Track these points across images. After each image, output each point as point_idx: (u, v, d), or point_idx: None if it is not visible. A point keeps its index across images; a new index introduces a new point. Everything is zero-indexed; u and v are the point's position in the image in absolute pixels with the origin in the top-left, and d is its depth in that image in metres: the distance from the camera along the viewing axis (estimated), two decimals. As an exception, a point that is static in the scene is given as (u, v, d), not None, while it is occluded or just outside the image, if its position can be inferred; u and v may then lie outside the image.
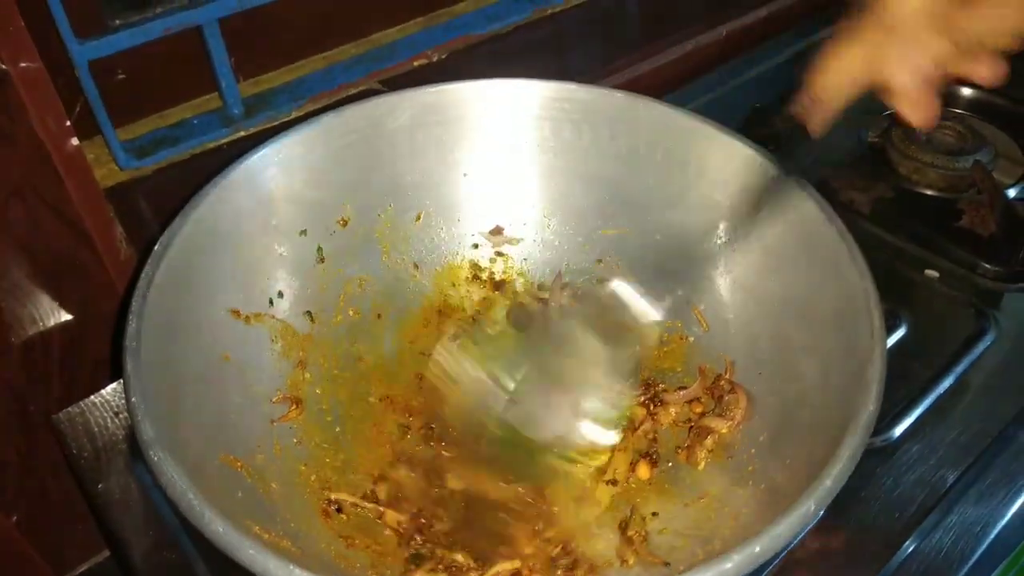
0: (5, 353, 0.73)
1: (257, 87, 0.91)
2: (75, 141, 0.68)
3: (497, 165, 0.78)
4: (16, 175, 0.66)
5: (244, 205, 0.67)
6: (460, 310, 0.78)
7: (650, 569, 0.54)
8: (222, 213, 0.65)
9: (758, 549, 0.44)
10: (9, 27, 0.61)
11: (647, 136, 0.75)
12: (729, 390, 0.67)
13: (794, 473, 0.51)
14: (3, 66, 0.61)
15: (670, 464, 0.65)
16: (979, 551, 0.62)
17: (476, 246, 0.80)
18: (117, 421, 0.72)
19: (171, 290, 0.58)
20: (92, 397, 0.74)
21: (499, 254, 0.81)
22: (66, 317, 0.75)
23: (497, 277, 0.80)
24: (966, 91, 1.08)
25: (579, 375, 0.63)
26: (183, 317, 0.59)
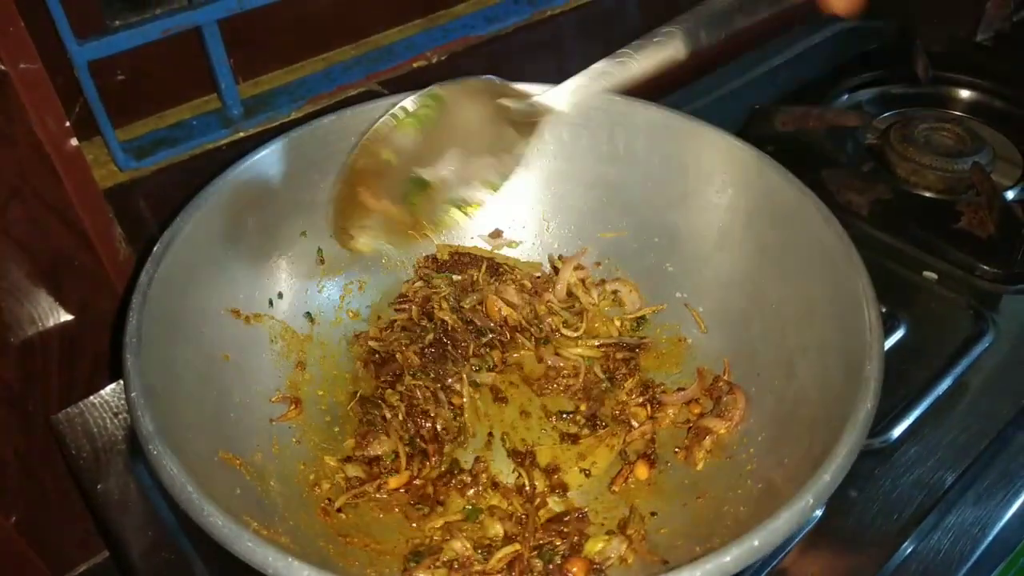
0: (4, 353, 0.73)
1: (256, 88, 0.91)
2: (74, 142, 0.68)
3: (496, 166, 0.79)
4: (15, 175, 0.66)
5: (244, 206, 0.67)
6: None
7: (649, 568, 0.55)
8: (222, 214, 0.65)
9: (757, 543, 0.44)
10: (9, 28, 0.61)
11: (646, 139, 0.75)
12: (727, 391, 0.67)
13: (792, 472, 0.51)
14: (2, 67, 0.61)
15: (668, 464, 0.66)
16: (978, 552, 0.63)
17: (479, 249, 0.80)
18: (116, 421, 0.72)
19: (171, 289, 0.58)
20: (91, 398, 0.74)
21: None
22: (65, 317, 0.75)
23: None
24: (965, 93, 1.08)
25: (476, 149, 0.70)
26: (183, 316, 0.59)
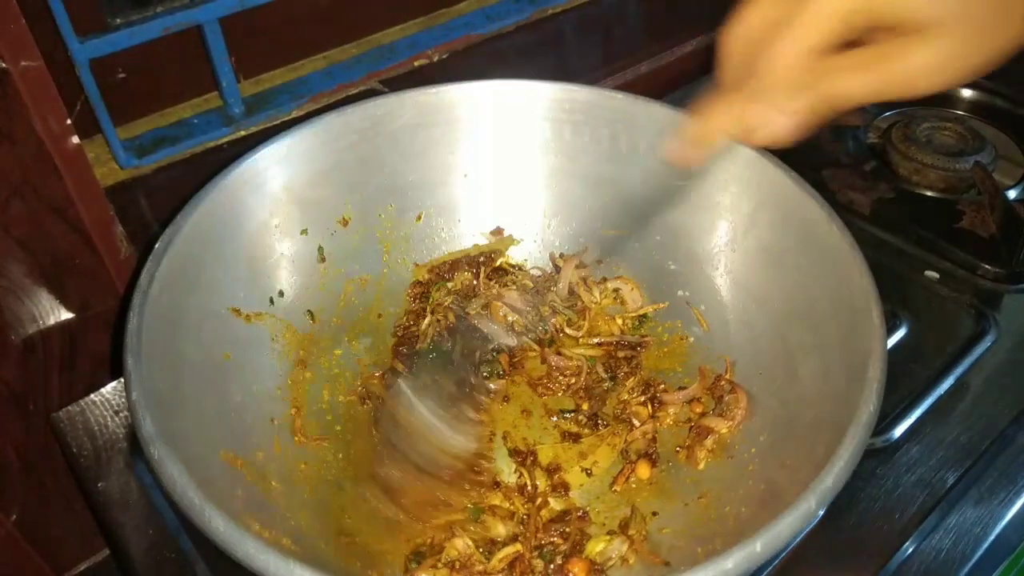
0: (5, 352, 0.73)
1: (258, 86, 0.91)
2: (75, 140, 0.68)
3: (498, 166, 0.79)
4: (16, 174, 0.66)
5: (245, 204, 0.67)
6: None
7: (651, 568, 0.54)
8: (223, 212, 0.65)
9: (759, 548, 0.44)
10: (10, 25, 0.61)
11: (647, 137, 0.75)
12: (729, 390, 0.67)
13: (794, 473, 0.51)
14: (4, 64, 0.61)
15: (670, 464, 0.66)
16: (979, 552, 0.62)
17: (476, 247, 0.80)
18: (117, 420, 0.72)
19: (172, 288, 0.58)
20: (92, 396, 0.74)
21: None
22: (66, 316, 0.75)
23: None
24: (967, 92, 1.08)
25: None
26: (184, 315, 0.59)
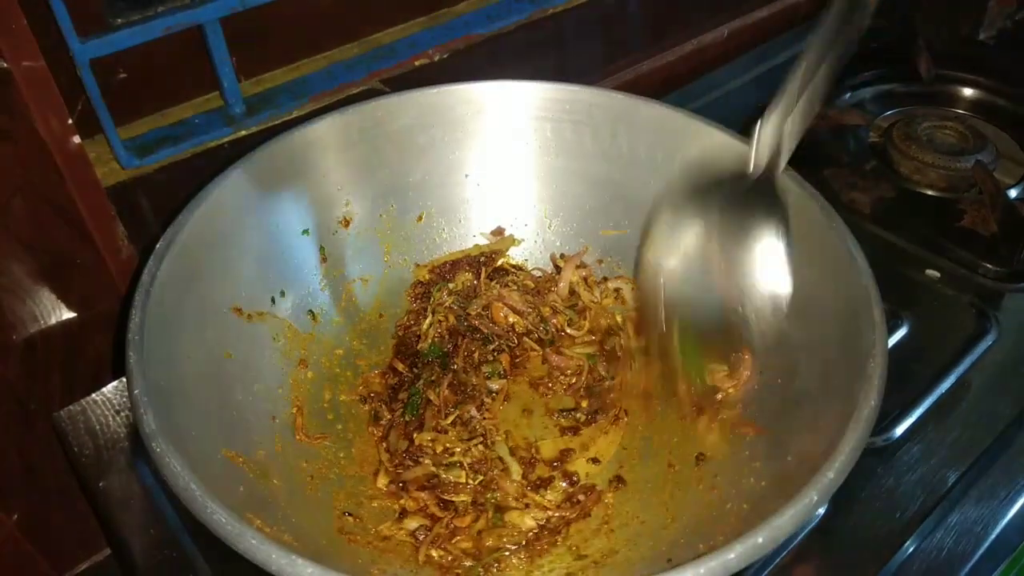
0: (6, 351, 0.73)
1: (259, 86, 0.91)
2: (77, 140, 0.68)
3: (499, 166, 0.79)
4: (18, 173, 0.66)
5: (246, 204, 0.67)
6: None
7: (653, 565, 0.54)
8: (224, 212, 0.65)
9: (761, 540, 0.44)
10: (11, 25, 0.61)
11: (648, 137, 0.75)
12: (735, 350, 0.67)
13: (796, 469, 0.51)
14: (5, 64, 0.61)
15: (675, 468, 0.65)
16: (980, 551, 0.62)
17: (477, 247, 0.80)
18: (118, 419, 0.72)
19: (174, 286, 0.58)
20: (93, 395, 0.74)
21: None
22: (67, 315, 0.75)
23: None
24: (967, 91, 1.08)
25: None
26: (185, 314, 0.59)
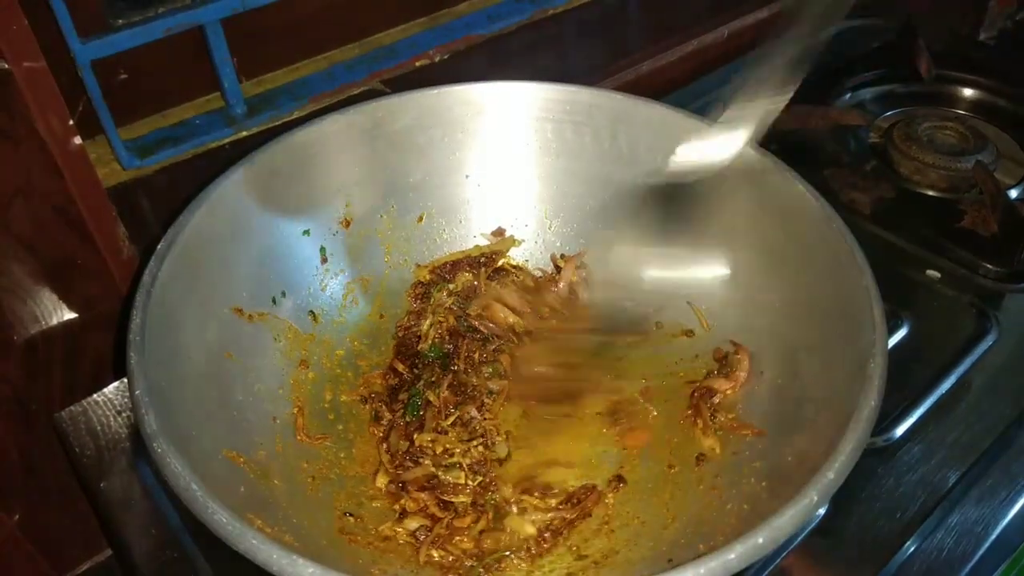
0: (7, 352, 0.73)
1: (259, 87, 0.91)
2: (78, 140, 0.68)
3: (499, 166, 0.79)
4: (19, 174, 0.66)
5: (247, 205, 0.67)
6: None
7: (654, 566, 0.55)
8: (225, 213, 0.65)
9: (761, 540, 0.44)
10: (12, 26, 0.61)
11: (649, 137, 0.75)
12: (733, 351, 0.68)
13: (797, 469, 0.51)
14: (6, 65, 0.61)
15: (674, 468, 0.66)
16: (981, 551, 0.62)
17: (478, 248, 0.80)
18: (119, 420, 0.72)
19: (175, 287, 0.58)
20: (94, 396, 0.74)
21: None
22: (68, 316, 0.75)
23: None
24: (968, 92, 1.08)
25: None
26: (187, 314, 0.59)
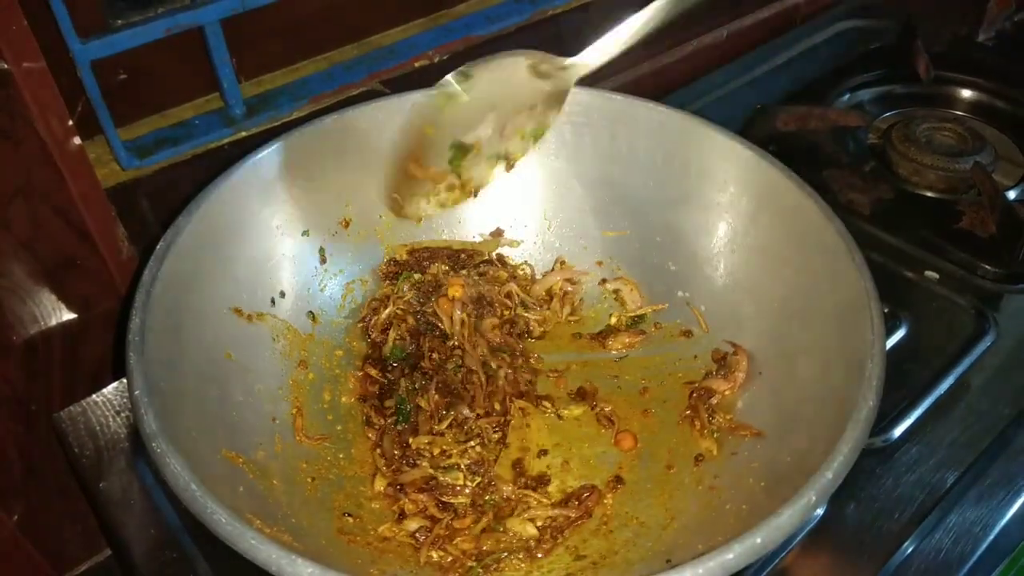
0: (7, 352, 0.73)
1: (259, 87, 0.91)
2: (77, 140, 0.68)
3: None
4: (18, 174, 0.66)
5: (246, 205, 0.67)
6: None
7: (653, 565, 0.55)
8: (225, 213, 0.65)
9: (759, 540, 0.44)
10: (12, 27, 0.61)
11: (647, 138, 0.75)
12: (732, 351, 0.68)
13: (795, 470, 0.51)
14: (6, 66, 0.61)
15: (672, 468, 0.66)
16: (979, 551, 0.63)
17: (460, 242, 0.80)
18: (119, 420, 0.72)
19: (174, 287, 0.58)
20: (94, 396, 0.74)
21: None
22: (68, 316, 0.76)
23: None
24: (966, 93, 1.08)
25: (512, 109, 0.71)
26: (186, 314, 0.59)
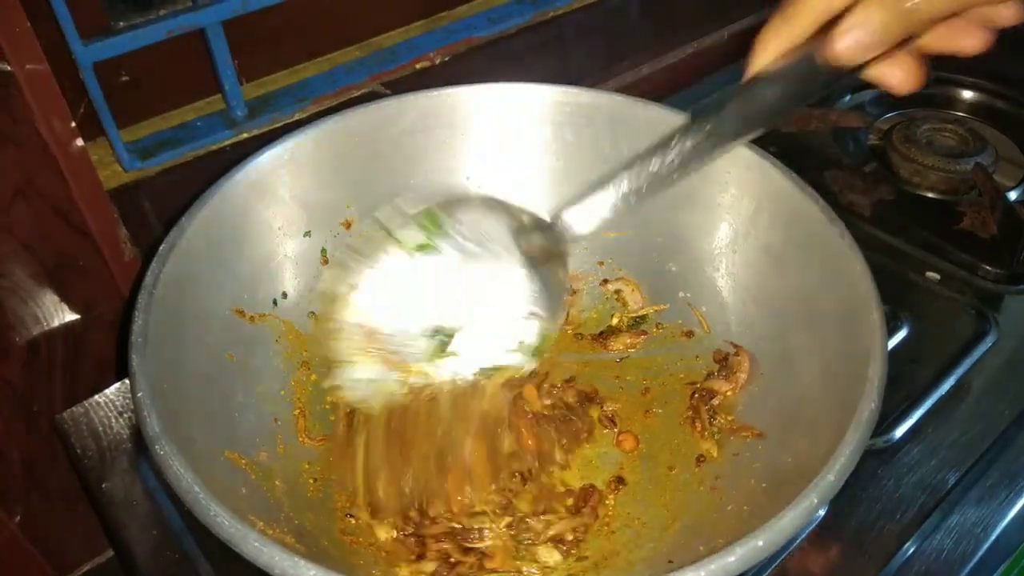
0: (9, 353, 0.74)
1: (260, 89, 0.92)
2: (80, 142, 0.68)
3: (499, 168, 0.79)
4: (21, 176, 0.67)
5: (248, 207, 0.67)
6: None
7: (654, 566, 0.55)
8: (226, 214, 0.65)
9: (761, 543, 0.44)
10: (15, 29, 0.61)
11: (649, 139, 0.74)
12: (734, 352, 0.68)
13: (796, 471, 0.51)
14: (9, 67, 0.61)
15: (674, 469, 0.66)
16: (980, 552, 0.63)
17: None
18: (121, 421, 0.72)
19: (176, 289, 0.58)
20: (96, 397, 0.74)
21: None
22: (70, 317, 0.76)
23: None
24: (967, 94, 1.08)
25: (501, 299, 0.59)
26: (188, 316, 0.59)
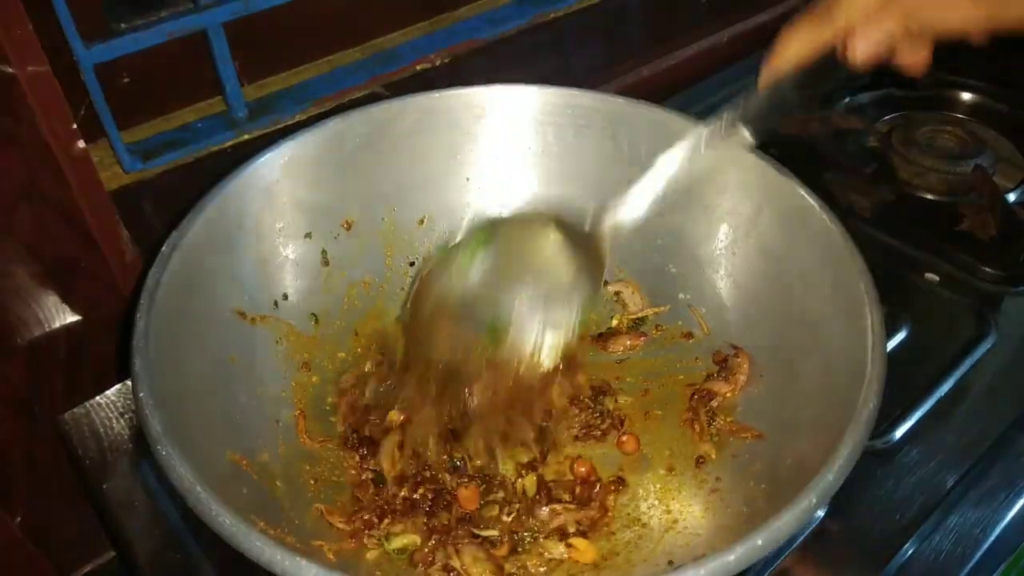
0: (11, 354, 0.74)
1: (261, 90, 0.92)
2: (81, 144, 0.69)
3: (500, 169, 0.79)
4: (22, 177, 0.67)
5: (249, 208, 0.67)
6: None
7: (654, 567, 0.55)
8: (228, 216, 0.65)
9: (760, 542, 0.44)
10: (16, 31, 0.61)
11: (649, 141, 0.75)
12: (733, 354, 0.68)
13: (796, 472, 0.51)
14: (10, 69, 0.62)
15: (674, 471, 0.66)
16: (979, 554, 0.63)
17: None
18: (122, 422, 0.72)
19: (178, 290, 0.58)
20: (97, 398, 0.74)
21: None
22: (72, 318, 0.76)
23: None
24: (967, 96, 1.08)
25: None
26: (190, 317, 0.59)
